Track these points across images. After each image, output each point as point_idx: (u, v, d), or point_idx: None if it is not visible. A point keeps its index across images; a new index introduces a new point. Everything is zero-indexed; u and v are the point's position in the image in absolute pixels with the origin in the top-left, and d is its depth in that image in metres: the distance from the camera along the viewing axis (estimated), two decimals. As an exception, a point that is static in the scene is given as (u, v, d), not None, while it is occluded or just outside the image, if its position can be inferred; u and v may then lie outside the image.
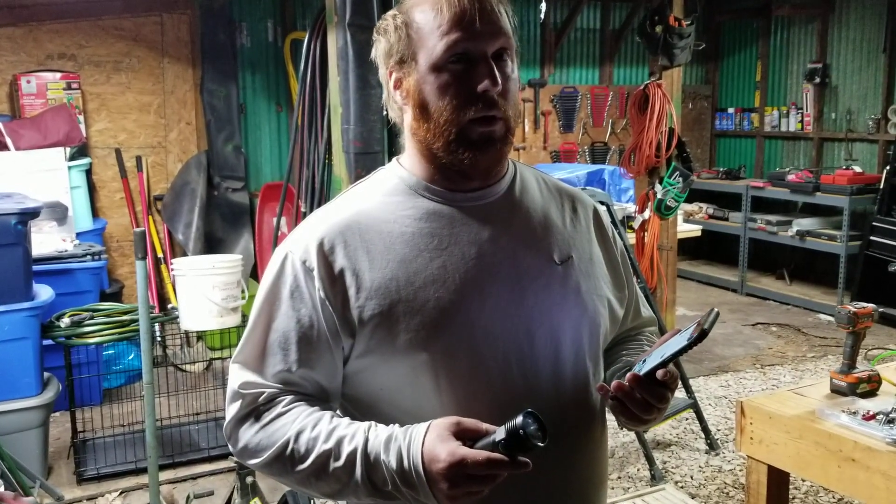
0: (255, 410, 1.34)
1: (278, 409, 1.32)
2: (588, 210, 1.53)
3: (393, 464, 1.21)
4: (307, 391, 1.36)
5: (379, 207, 1.39)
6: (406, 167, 1.42)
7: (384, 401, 1.36)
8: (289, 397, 1.34)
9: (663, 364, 1.25)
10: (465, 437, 1.18)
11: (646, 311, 1.66)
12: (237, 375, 1.37)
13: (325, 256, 1.34)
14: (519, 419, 1.14)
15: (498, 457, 1.14)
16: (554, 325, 1.38)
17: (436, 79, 1.32)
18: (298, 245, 1.36)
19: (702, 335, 1.20)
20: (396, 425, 1.26)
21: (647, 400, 1.29)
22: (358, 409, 1.40)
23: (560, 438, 1.37)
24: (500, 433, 1.15)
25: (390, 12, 1.39)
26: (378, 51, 1.40)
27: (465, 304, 1.33)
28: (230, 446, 1.38)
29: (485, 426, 1.19)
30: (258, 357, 1.36)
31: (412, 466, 1.20)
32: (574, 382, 1.39)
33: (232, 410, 1.36)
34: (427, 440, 1.19)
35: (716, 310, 1.26)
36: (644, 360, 1.32)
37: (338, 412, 1.36)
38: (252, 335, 1.38)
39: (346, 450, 1.25)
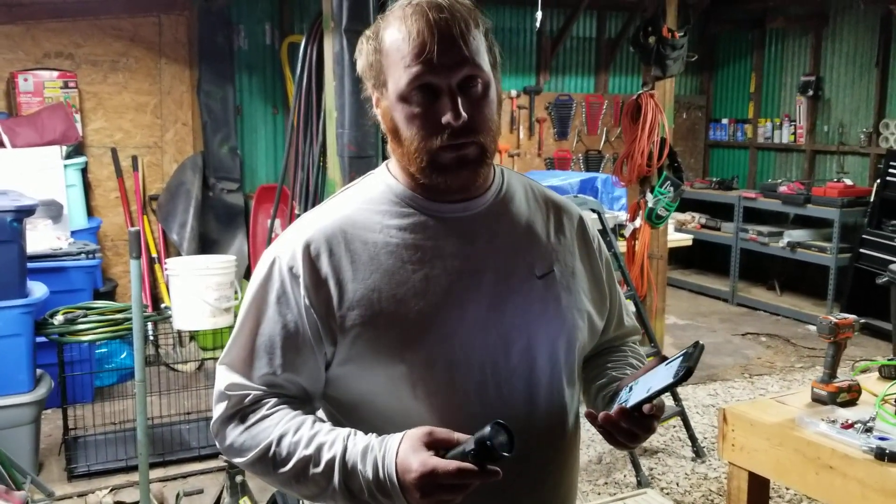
0: (240, 412, 1.38)
1: (262, 411, 1.36)
2: (573, 221, 1.55)
3: (369, 473, 1.25)
4: (291, 393, 1.40)
5: (365, 216, 1.41)
6: (394, 174, 1.44)
7: (363, 407, 1.40)
8: (273, 400, 1.38)
9: (649, 399, 1.29)
10: (438, 446, 1.22)
11: (629, 320, 1.68)
12: (224, 377, 1.41)
13: (312, 263, 1.36)
14: (487, 430, 1.16)
15: (468, 466, 1.17)
16: (531, 339, 1.40)
17: (403, 109, 1.33)
18: (286, 250, 1.39)
19: (688, 373, 1.24)
20: (374, 435, 1.29)
21: (633, 430, 1.33)
22: (340, 412, 1.44)
23: (532, 450, 1.40)
24: (469, 444, 1.18)
25: (366, 31, 1.40)
26: (359, 67, 1.42)
27: (444, 317, 1.36)
28: (217, 443, 1.42)
29: (457, 436, 1.22)
30: (245, 360, 1.39)
31: (387, 476, 1.23)
32: (548, 396, 1.43)
33: (218, 410, 1.40)
34: (400, 451, 1.23)
35: (701, 343, 1.30)
36: (630, 388, 1.35)
37: (319, 416, 1.40)
38: (239, 337, 1.41)
39: (325, 457, 1.29)
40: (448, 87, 1.30)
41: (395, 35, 1.32)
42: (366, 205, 1.43)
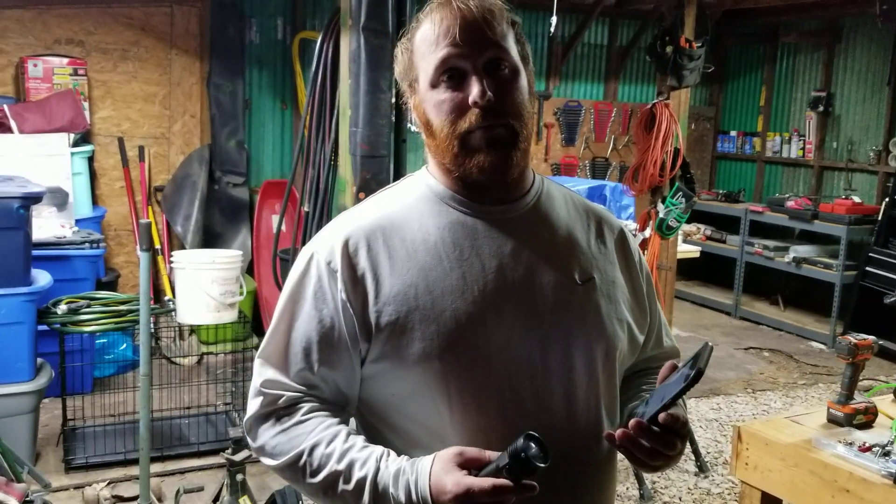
0: (274, 412, 1.37)
1: (297, 416, 1.36)
2: (614, 232, 1.53)
3: (402, 497, 1.24)
4: (325, 395, 1.39)
5: (405, 214, 1.40)
6: (433, 174, 1.44)
7: (396, 408, 1.37)
8: (308, 405, 1.36)
9: (664, 408, 1.25)
10: (470, 466, 1.20)
11: (668, 340, 1.64)
12: (260, 372, 1.41)
13: (350, 258, 1.35)
14: (520, 442, 1.14)
15: (503, 482, 1.15)
16: (569, 344, 1.37)
17: (433, 96, 1.35)
18: (324, 246, 1.39)
19: (697, 375, 1.21)
20: (405, 457, 1.28)
21: (653, 447, 1.28)
22: (371, 414, 1.42)
23: (569, 457, 1.37)
24: (503, 458, 1.16)
25: (403, 38, 1.42)
26: (396, 73, 1.43)
27: (481, 317, 1.33)
28: (249, 440, 1.41)
29: (487, 454, 1.20)
30: (281, 354, 1.39)
31: (420, 499, 1.22)
32: (586, 403, 1.39)
33: (253, 407, 1.40)
34: (433, 472, 1.21)
35: (710, 345, 1.26)
36: (647, 402, 1.31)
37: (353, 430, 1.38)
38: (276, 332, 1.41)
39: (356, 475, 1.27)
40: (474, 68, 1.32)
41: (424, 28, 1.36)
42: (405, 204, 1.42)
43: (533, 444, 1.14)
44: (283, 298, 1.42)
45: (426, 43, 1.35)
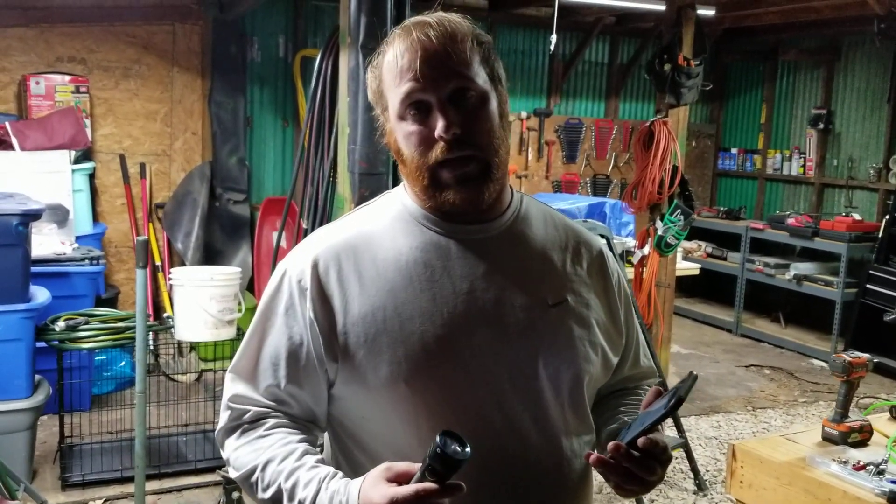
0: (239, 426, 1.40)
1: (259, 431, 1.37)
2: (592, 252, 1.51)
3: None
4: (293, 411, 1.40)
5: (379, 232, 1.40)
6: (410, 193, 1.43)
7: (366, 430, 1.38)
8: (272, 421, 1.38)
9: (644, 432, 1.25)
10: (400, 479, 1.19)
11: (646, 360, 1.63)
12: (230, 387, 1.43)
13: (319, 278, 1.36)
14: (436, 440, 1.14)
15: (427, 485, 1.14)
16: (538, 368, 1.37)
17: (401, 128, 1.34)
18: (296, 263, 1.40)
19: (678, 402, 1.23)
20: (346, 480, 1.27)
21: (631, 471, 1.28)
22: (343, 432, 1.42)
23: (542, 480, 1.37)
24: (424, 462, 1.16)
25: (371, 64, 1.41)
26: (369, 97, 1.42)
27: (449, 340, 1.33)
28: (221, 451, 1.44)
29: (416, 466, 1.19)
30: (251, 370, 1.41)
31: None
32: (556, 426, 1.39)
33: (222, 420, 1.43)
34: (363, 490, 1.22)
35: (694, 374, 1.28)
36: (629, 427, 1.31)
37: (311, 448, 1.37)
38: (247, 348, 1.42)
39: (298, 495, 1.29)
40: (438, 100, 1.31)
41: (388, 59, 1.35)
42: (380, 222, 1.42)
43: (449, 440, 1.13)
44: (257, 315, 1.43)
45: (391, 75, 1.34)
